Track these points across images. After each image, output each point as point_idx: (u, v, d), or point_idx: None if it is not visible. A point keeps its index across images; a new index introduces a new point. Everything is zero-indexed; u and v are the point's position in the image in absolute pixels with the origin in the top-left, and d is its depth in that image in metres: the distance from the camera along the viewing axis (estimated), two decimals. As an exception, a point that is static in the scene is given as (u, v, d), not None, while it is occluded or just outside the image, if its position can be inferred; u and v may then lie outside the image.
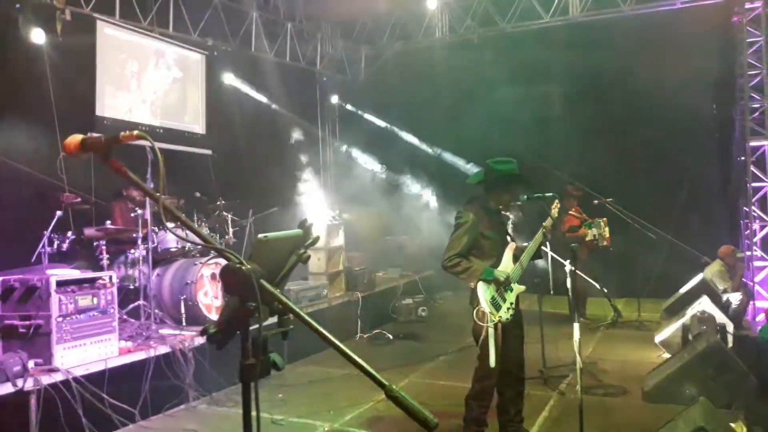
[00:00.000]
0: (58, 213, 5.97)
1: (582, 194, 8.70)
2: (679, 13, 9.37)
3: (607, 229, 8.38)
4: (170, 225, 5.61)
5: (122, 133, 1.53)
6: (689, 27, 9.03)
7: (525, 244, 4.47)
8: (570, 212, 8.47)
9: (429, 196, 11.82)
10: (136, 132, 1.52)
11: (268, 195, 9.21)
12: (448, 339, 7.97)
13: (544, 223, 4.49)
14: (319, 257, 8.48)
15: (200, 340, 5.69)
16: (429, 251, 11.06)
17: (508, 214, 4.61)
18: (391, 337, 8.22)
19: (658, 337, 6.97)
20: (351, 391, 5.79)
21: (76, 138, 1.59)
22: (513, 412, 4.39)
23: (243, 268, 1.46)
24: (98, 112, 7.35)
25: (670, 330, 6.83)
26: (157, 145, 1.57)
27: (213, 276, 6.48)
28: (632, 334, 7.98)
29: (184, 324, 6.16)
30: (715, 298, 7.27)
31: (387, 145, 11.80)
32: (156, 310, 6.17)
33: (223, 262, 5.43)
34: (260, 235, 1.64)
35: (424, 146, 11.80)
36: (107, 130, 7.07)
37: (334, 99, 12.34)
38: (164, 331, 5.94)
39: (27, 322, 4.68)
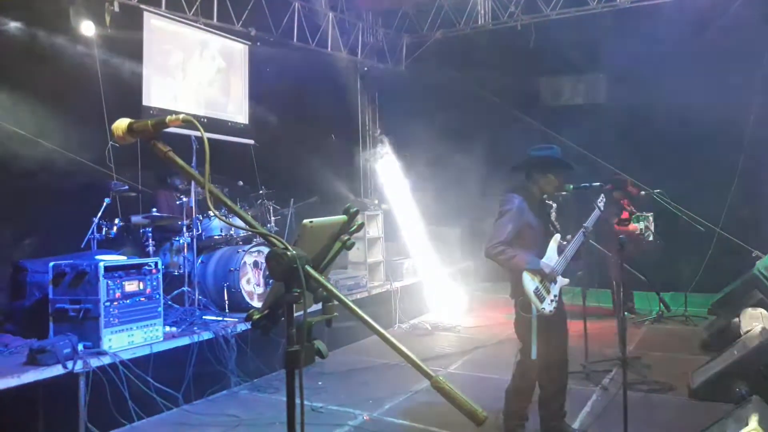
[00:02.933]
0: (107, 200, 6.12)
1: (637, 193, 8.47)
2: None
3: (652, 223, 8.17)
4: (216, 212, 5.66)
5: (169, 117, 1.53)
6: (740, 13, 8.67)
7: (568, 236, 4.38)
8: (622, 205, 8.29)
9: (469, 186, 11.69)
10: (182, 116, 1.52)
11: (309, 184, 9.27)
12: (487, 331, 7.91)
13: (585, 224, 4.39)
14: (359, 247, 8.50)
15: (243, 327, 5.77)
16: (468, 242, 10.98)
17: (551, 203, 4.50)
18: (429, 327, 8.19)
19: (707, 333, 6.76)
20: (390, 381, 5.80)
21: (123, 122, 1.61)
22: (555, 406, 4.31)
23: (288, 253, 1.45)
24: (145, 101, 7.50)
25: (719, 325, 6.62)
26: (197, 133, 1.57)
27: (256, 263, 6.57)
28: (678, 329, 7.77)
29: (227, 310, 6.26)
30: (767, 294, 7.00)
31: (428, 134, 11.70)
32: (200, 297, 6.29)
33: (266, 250, 5.46)
34: (305, 221, 1.63)
35: (465, 135, 11.64)
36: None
37: (375, 88, 12.30)
38: (207, 318, 6.05)
39: (77, 306, 4.82)
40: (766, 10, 8.69)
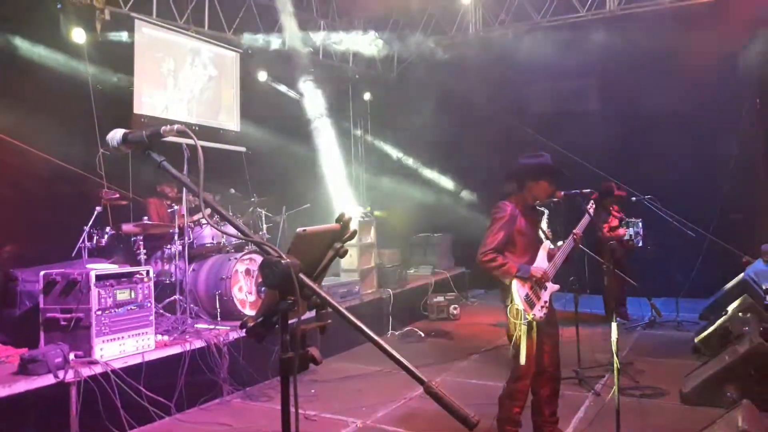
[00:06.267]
0: (97, 209, 6.09)
1: (626, 195, 8.52)
2: (719, 4, 9.09)
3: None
4: (210, 220, 5.66)
5: (164, 128, 1.54)
6: (730, 18, 8.75)
7: (560, 243, 4.41)
8: (611, 211, 8.33)
9: (461, 193, 11.75)
10: (177, 126, 1.53)
11: (301, 191, 9.27)
12: (481, 337, 7.92)
13: (575, 230, 4.42)
14: (351, 254, 8.49)
15: (235, 335, 5.76)
16: (461, 248, 11.01)
17: (542, 209, 4.54)
18: (422, 334, 8.19)
19: (698, 338, 6.80)
20: (383, 388, 5.80)
21: (118, 132, 1.61)
22: (548, 412, 4.32)
23: (282, 262, 1.46)
24: (136, 110, 7.49)
25: (710, 331, 6.65)
26: (192, 142, 1.57)
27: (247, 271, 6.55)
28: (670, 334, 7.80)
29: (218, 319, 6.24)
30: (757, 299, 7.05)
31: (419, 141, 11.75)
32: (191, 305, 6.26)
33: (257, 258, 5.45)
34: (299, 229, 1.64)
35: (456, 142, 11.68)
36: (144, 127, 7.19)
37: (366, 95, 12.33)
38: (199, 326, 6.03)
39: (68, 315, 4.80)
40: (757, 11, 8.77)
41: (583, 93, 10.59)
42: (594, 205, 4.57)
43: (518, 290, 4.04)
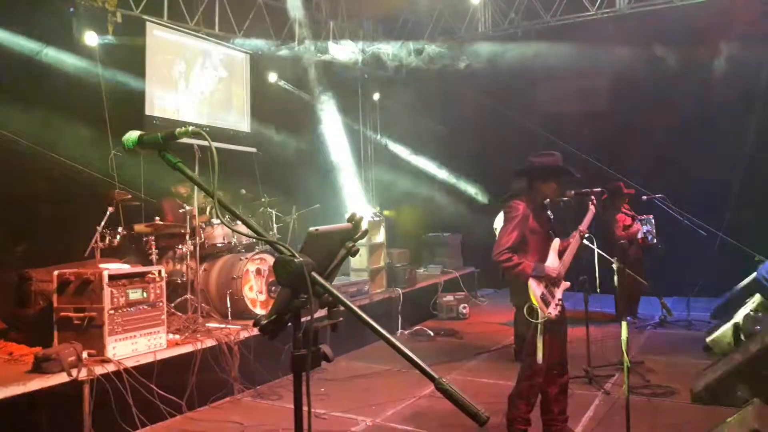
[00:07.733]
0: (110, 209, 6.14)
1: (634, 192, 8.50)
2: (730, 2, 9.01)
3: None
4: (224, 220, 5.73)
5: (178, 129, 1.57)
6: (744, 16, 8.69)
7: (568, 239, 4.42)
8: (621, 210, 8.31)
9: (471, 193, 11.75)
10: (191, 128, 1.56)
11: (311, 192, 9.31)
12: (490, 337, 7.92)
13: (580, 227, 4.42)
14: (361, 253, 8.51)
15: (245, 334, 5.79)
16: (470, 248, 11.01)
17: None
18: (431, 333, 8.20)
19: (709, 337, 6.77)
20: (392, 387, 5.82)
21: (133, 134, 1.64)
22: (557, 410, 4.33)
23: (295, 260, 1.48)
24: (148, 111, 7.55)
25: (721, 330, 6.63)
26: (205, 143, 1.61)
27: (258, 271, 6.60)
28: (681, 333, 7.78)
29: (229, 318, 6.28)
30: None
31: (429, 142, 11.76)
32: (203, 304, 6.31)
33: (268, 258, 5.47)
34: (311, 228, 1.66)
35: (466, 141, 11.68)
36: (156, 129, 7.25)
37: (376, 95, 12.36)
38: (210, 325, 6.07)
39: (81, 314, 4.85)
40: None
41: (592, 92, 10.54)
42: (595, 200, 4.58)
43: (535, 290, 4.06)
